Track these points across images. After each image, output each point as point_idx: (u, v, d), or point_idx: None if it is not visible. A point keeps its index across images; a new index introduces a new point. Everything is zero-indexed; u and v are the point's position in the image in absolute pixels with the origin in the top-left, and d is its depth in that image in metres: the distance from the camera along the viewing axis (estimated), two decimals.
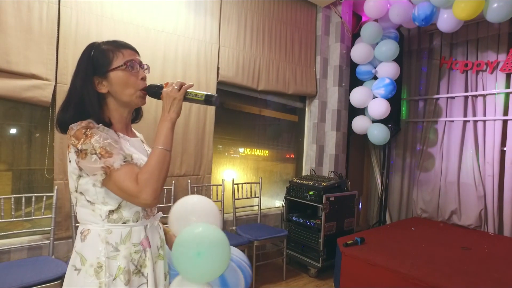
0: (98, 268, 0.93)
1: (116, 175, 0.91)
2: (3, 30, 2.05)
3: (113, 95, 1.01)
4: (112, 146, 0.92)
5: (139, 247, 1.00)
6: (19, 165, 2.39)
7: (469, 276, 2.16)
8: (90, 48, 1.01)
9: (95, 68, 0.98)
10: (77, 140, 0.91)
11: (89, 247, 0.95)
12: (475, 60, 3.60)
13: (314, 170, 3.88)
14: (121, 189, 0.92)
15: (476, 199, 3.49)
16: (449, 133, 3.82)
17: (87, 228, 0.97)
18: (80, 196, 0.98)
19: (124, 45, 1.03)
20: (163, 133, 0.98)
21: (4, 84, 2.07)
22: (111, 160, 0.90)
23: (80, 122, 0.94)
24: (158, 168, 0.93)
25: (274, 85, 3.52)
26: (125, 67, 0.99)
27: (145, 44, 2.66)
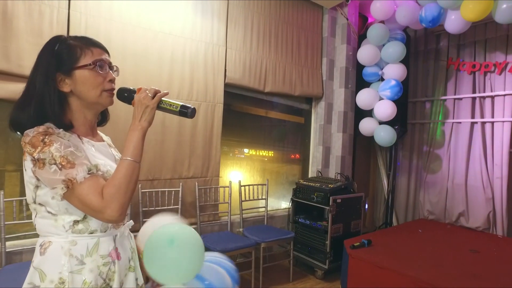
0: (59, 285, 0.84)
1: (79, 189, 0.82)
2: (16, 35, 2.08)
3: (77, 94, 0.92)
4: (74, 155, 0.83)
5: (107, 259, 0.92)
6: None
7: (478, 280, 2.15)
8: (54, 41, 0.92)
9: (58, 63, 0.89)
10: (33, 148, 0.82)
11: (49, 261, 0.86)
12: (483, 61, 3.57)
13: (321, 172, 3.87)
14: (84, 204, 0.83)
15: (484, 201, 3.46)
16: (456, 134, 3.79)
17: (48, 240, 0.88)
18: (39, 207, 0.88)
19: (95, 43, 0.95)
20: (132, 143, 0.89)
21: (16, 88, 2.09)
22: (73, 172, 0.82)
23: (37, 127, 0.85)
24: (125, 181, 0.85)
25: (281, 87, 3.52)
26: (93, 67, 0.91)
27: (152, 47, 2.69)
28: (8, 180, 2.31)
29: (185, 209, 2.87)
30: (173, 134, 2.80)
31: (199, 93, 2.94)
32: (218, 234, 2.87)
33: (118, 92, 0.98)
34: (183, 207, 2.83)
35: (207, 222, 3.04)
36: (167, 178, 2.81)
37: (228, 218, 3.08)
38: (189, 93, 2.88)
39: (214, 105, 3.03)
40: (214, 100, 3.03)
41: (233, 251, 2.57)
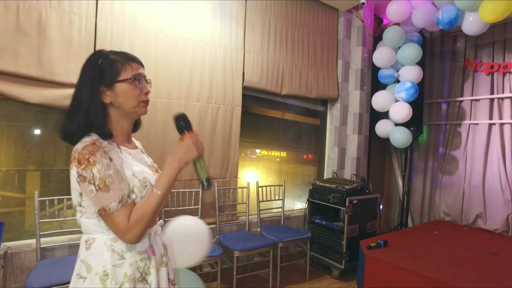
0: (104, 276, 0.93)
1: (111, 216, 0.91)
2: (49, 43, 2.20)
3: (116, 105, 0.99)
4: (111, 179, 0.91)
5: (144, 255, 1.01)
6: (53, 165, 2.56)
7: (497, 282, 2.15)
8: (97, 56, 0.99)
9: (101, 77, 0.96)
10: (79, 164, 0.90)
11: (94, 255, 0.95)
12: (501, 62, 3.55)
13: (336, 173, 3.91)
14: (113, 224, 0.92)
15: (503, 203, 3.43)
16: (474, 136, 3.77)
17: (92, 237, 0.97)
18: (84, 209, 0.96)
19: (133, 58, 1.03)
20: (166, 180, 0.97)
21: (49, 93, 2.22)
22: (107, 200, 0.90)
23: (86, 141, 0.92)
24: (151, 212, 0.94)
25: (297, 89, 3.58)
26: (132, 80, 0.98)
27: (173, 52, 2.78)
28: (29, 179, 2.41)
29: (205, 209, 2.96)
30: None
31: (218, 96, 3.02)
32: (237, 234, 2.95)
33: (179, 116, 1.04)
34: (203, 207, 2.92)
35: (226, 222, 3.13)
36: (187, 179, 2.91)
37: (246, 218, 3.16)
38: (208, 97, 2.97)
39: (232, 108, 3.11)
40: (232, 103, 3.11)
41: (252, 250, 2.64)
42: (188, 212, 2.87)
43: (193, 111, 2.89)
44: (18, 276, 2.15)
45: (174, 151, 1.00)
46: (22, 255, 2.18)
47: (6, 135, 2.34)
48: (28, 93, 2.14)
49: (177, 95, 2.80)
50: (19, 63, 2.10)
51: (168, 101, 2.77)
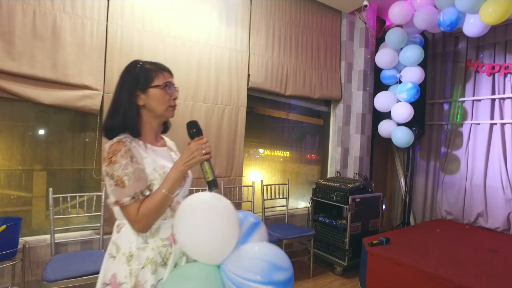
0: (129, 257, 1.06)
1: (124, 207, 1.04)
2: (63, 47, 2.30)
3: (148, 108, 1.13)
4: (128, 177, 1.02)
5: (166, 242, 1.12)
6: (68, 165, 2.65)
7: (497, 278, 2.20)
8: (134, 65, 1.15)
9: (137, 82, 1.11)
10: (103, 161, 1.05)
11: (123, 238, 1.09)
12: (503, 63, 3.60)
13: (339, 172, 3.98)
14: (125, 214, 1.05)
15: (504, 202, 3.48)
16: (475, 135, 3.82)
17: (123, 222, 1.11)
18: None
19: (165, 68, 1.18)
20: (171, 180, 1.07)
21: (62, 95, 2.32)
22: (122, 195, 1.02)
23: (112, 142, 1.06)
24: (157, 208, 1.05)
25: (301, 90, 3.65)
26: (163, 87, 1.13)
27: (181, 54, 2.87)
28: (36, 179, 2.48)
29: None
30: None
31: (223, 97, 3.10)
32: None
33: (190, 123, 1.15)
34: None
35: None
36: (194, 177, 2.97)
37: None
38: (214, 97, 3.05)
39: (237, 108, 3.19)
40: (237, 103, 3.20)
41: None
42: None
43: (200, 112, 2.97)
44: (34, 269, 2.25)
45: (182, 154, 1.11)
46: (38, 249, 2.28)
47: (14, 135, 2.41)
48: (43, 95, 2.23)
49: (184, 96, 2.89)
50: (35, 66, 2.19)
51: (176, 102, 2.84)
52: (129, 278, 1.04)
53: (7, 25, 2.11)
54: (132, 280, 1.04)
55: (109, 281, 1.07)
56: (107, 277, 1.08)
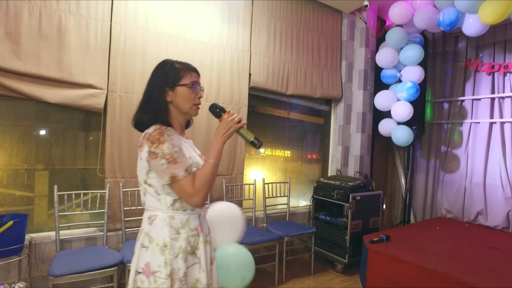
0: (163, 247, 1.12)
1: (180, 182, 1.11)
2: (68, 47, 2.34)
3: (175, 104, 1.21)
4: (177, 154, 1.11)
5: (194, 232, 1.20)
6: (74, 164, 2.68)
7: (496, 274, 2.22)
8: (165, 64, 1.23)
9: (167, 80, 1.18)
10: (151, 144, 1.10)
11: (156, 229, 1.15)
12: (502, 62, 3.62)
13: (340, 171, 4.01)
14: (182, 191, 1.11)
15: (503, 200, 3.51)
16: (475, 134, 3.85)
17: (154, 214, 1.17)
18: (148, 187, 1.17)
19: (193, 68, 1.25)
20: (215, 150, 1.17)
21: (67, 93, 2.36)
22: (176, 169, 1.09)
23: (155, 126, 1.13)
24: (210, 177, 1.13)
25: (302, 89, 3.69)
26: (190, 86, 1.20)
27: (183, 54, 2.90)
28: (38, 178, 2.51)
29: None
30: (201, 135, 3.01)
31: (225, 96, 3.14)
32: None
33: (212, 106, 1.27)
34: (211, 202, 3.02)
35: None
36: None
37: (253, 214, 3.27)
38: (216, 97, 3.08)
39: (239, 108, 3.23)
40: (239, 102, 3.23)
41: (258, 244, 2.76)
42: None
43: (201, 111, 2.97)
44: (40, 265, 2.28)
45: (216, 129, 1.21)
46: (43, 246, 2.32)
47: (17, 135, 2.43)
48: (49, 94, 2.27)
49: None
50: (41, 66, 2.23)
51: None
52: (163, 267, 1.11)
53: (13, 26, 2.16)
54: (168, 269, 1.11)
55: (142, 270, 1.13)
56: (140, 265, 1.14)
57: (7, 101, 2.32)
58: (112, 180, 2.62)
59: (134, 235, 2.66)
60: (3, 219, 2.05)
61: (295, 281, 3.01)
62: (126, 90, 2.65)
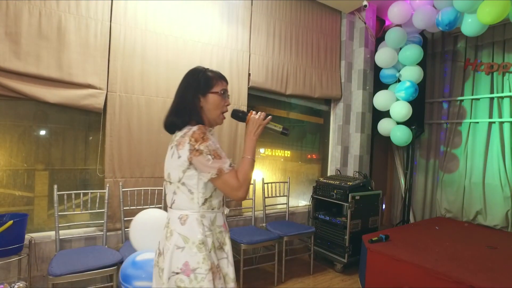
0: (200, 245, 1.18)
1: (225, 176, 1.16)
2: (68, 46, 2.34)
3: (205, 111, 1.26)
4: (220, 151, 1.18)
5: (221, 229, 1.29)
6: (74, 164, 2.69)
7: (494, 273, 2.23)
8: (197, 71, 1.28)
9: (199, 87, 1.24)
10: (195, 141, 1.14)
11: (190, 229, 1.20)
12: (501, 62, 3.63)
13: (339, 171, 4.02)
14: (227, 185, 1.17)
15: (502, 200, 3.52)
16: (474, 134, 3.86)
17: (185, 213, 1.21)
18: (182, 186, 1.21)
19: (223, 77, 1.31)
20: (251, 148, 1.26)
21: (67, 93, 2.37)
22: (222, 164, 1.16)
23: (197, 126, 1.18)
24: (250, 172, 1.21)
25: (301, 89, 3.69)
26: (221, 93, 1.26)
27: (183, 54, 2.91)
28: (38, 178, 2.51)
29: None
30: None
31: None
32: (243, 228, 3.07)
33: (233, 112, 1.33)
34: None
35: (233, 216, 3.25)
36: None
37: (252, 213, 3.28)
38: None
39: (238, 108, 3.23)
40: (238, 102, 3.24)
41: (258, 243, 2.76)
42: None
43: None
44: (39, 264, 2.29)
45: (246, 130, 1.30)
46: (43, 245, 2.33)
47: (15, 135, 2.43)
48: (48, 94, 2.28)
49: None
50: (41, 66, 2.24)
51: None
52: (203, 263, 1.16)
53: (13, 26, 2.16)
54: (207, 264, 1.17)
55: (180, 270, 1.17)
56: (177, 266, 1.17)
57: (7, 101, 2.33)
58: (112, 180, 2.63)
59: None
60: (3, 219, 2.05)
61: (294, 280, 3.02)
62: (125, 90, 2.66)
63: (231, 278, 1.27)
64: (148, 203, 2.73)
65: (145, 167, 2.77)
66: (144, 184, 2.75)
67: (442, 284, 2.18)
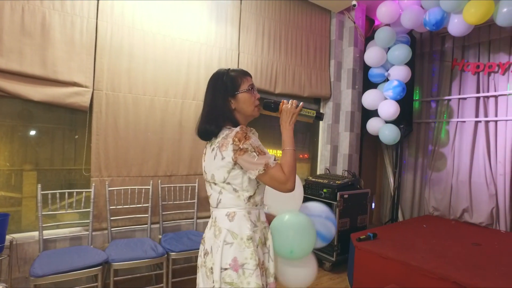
0: (248, 240, 1.20)
1: (272, 170, 1.17)
2: (52, 44, 2.31)
3: (239, 110, 1.27)
4: (262, 148, 1.20)
5: (265, 224, 1.32)
6: (60, 164, 2.65)
7: (478, 269, 2.26)
8: (221, 74, 1.28)
9: (227, 89, 1.25)
10: (239, 141, 1.16)
11: (238, 225, 1.22)
12: (487, 62, 3.69)
13: (329, 169, 4.03)
14: (275, 179, 1.17)
15: (487, 198, 3.57)
16: (461, 133, 3.91)
17: (232, 210, 1.24)
18: (227, 185, 1.23)
19: (247, 73, 1.32)
20: (289, 139, 1.26)
21: (51, 91, 2.33)
22: (268, 159, 1.17)
23: (239, 127, 1.20)
24: (294, 163, 1.22)
25: (290, 88, 3.70)
26: (249, 90, 1.27)
27: (171, 52, 2.89)
28: (26, 179, 2.48)
29: (201, 203, 3.07)
30: (189, 133, 3.00)
31: None
32: None
33: (265, 103, 1.33)
34: (199, 201, 3.02)
35: None
36: (183, 174, 3.02)
37: None
38: (204, 96, 3.07)
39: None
40: None
41: None
42: (184, 207, 2.98)
43: (189, 109, 3.00)
44: (21, 266, 2.25)
45: (280, 121, 1.29)
46: (26, 246, 2.29)
47: (2, 135, 2.40)
48: (32, 91, 2.25)
49: (174, 93, 2.92)
50: (24, 63, 2.21)
51: (166, 100, 2.88)
52: (250, 259, 1.19)
53: None
54: (255, 259, 1.19)
55: (229, 265, 1.19)
56: (226, 262, 1.19)
57: None
58: (98, 179, 2.60)
59: (120, 234, 2.67)
60: None
61: None
62: (112, 88, 2.63)
63: (271, 273, 1.29)
64: (135, 202, 2.71)
65: (132, 166, 2.74)
66: (131, 183, 2.73)
67: (428, 281, 2.21)
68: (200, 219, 3.05)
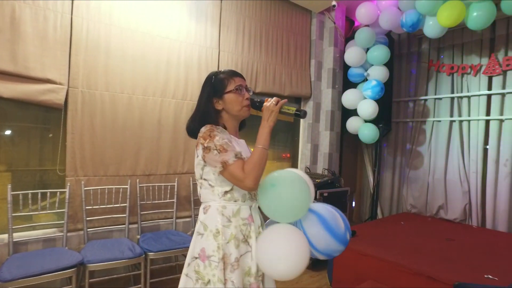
0: (216, 233, 1.23)
1: (231, 167, 1.19)
2: (23, 39, 2.22)
3: (226, 110, 1.33)
4: (227, 145, 1.21)
5: (246, 221, 1.29)
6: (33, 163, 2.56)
7: (451, 263, 2.36)
8: (211, 76, 1.34)
9: (215, 91, 1.31)
10: (204, 140, 1.21)
11: (209, 218, 1.26)
12: (460, 64, 3.82)
13: (309, 168, 4.07)
14: (233, 176, 1.19)
15: (461, 195, 3.70)
16: (437, 132, 4.03)
17: (208, 204, 1.29)
18: (204, 181, 1.29)
19: (236, 73, 1.35)
20: (263, 136, 1.24)
21: (23, 88, 2.25)
22: (226, 157, 1.19)
23: (206, 126, 1.25)
24: (258, 161, 1.19)
25: (271, 87, 3.71)
26: (235, 91, 1.30)
27: (150, 50, 2.84)
28: None
29: (180, 203, 3.03)
30: (168, 132, 2.96)
31: (193, 93, 3.10)
32: None
33: (251, 101, 1.34)
34: (178, 201, 2.99)
35: None
36: (163, 174, 2.97)
37: None
38: (183, 94, 3.04)
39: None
40: None
41: None
42: (163, 206, 2.94)
43: (169, 108, 2.96)
44: None
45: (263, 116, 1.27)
46: None
47: None
48: (2, 88, 2.15)
49: (153, 92, 2.87)
50: None
51: (144, 98, 2.83)
52: (217, 251, 1.21)
53: None
54: (220, 253, 1.21)
55: (198, 255, 1.25)
56: (196, 251, 1.26)
57: None
58: (74, 179, 2.53)
59: (97, 235, 2.61)
60: None
61: None
62: (88, 85, 2.56)
63: (253, 273, 1.27)
64: (113, 202, 2.65)
65: (109, 165, 2.68)
66: (108, 182, 2.67)
67: (404, 276, 2.27)
68: (179, 219, 3.01)
